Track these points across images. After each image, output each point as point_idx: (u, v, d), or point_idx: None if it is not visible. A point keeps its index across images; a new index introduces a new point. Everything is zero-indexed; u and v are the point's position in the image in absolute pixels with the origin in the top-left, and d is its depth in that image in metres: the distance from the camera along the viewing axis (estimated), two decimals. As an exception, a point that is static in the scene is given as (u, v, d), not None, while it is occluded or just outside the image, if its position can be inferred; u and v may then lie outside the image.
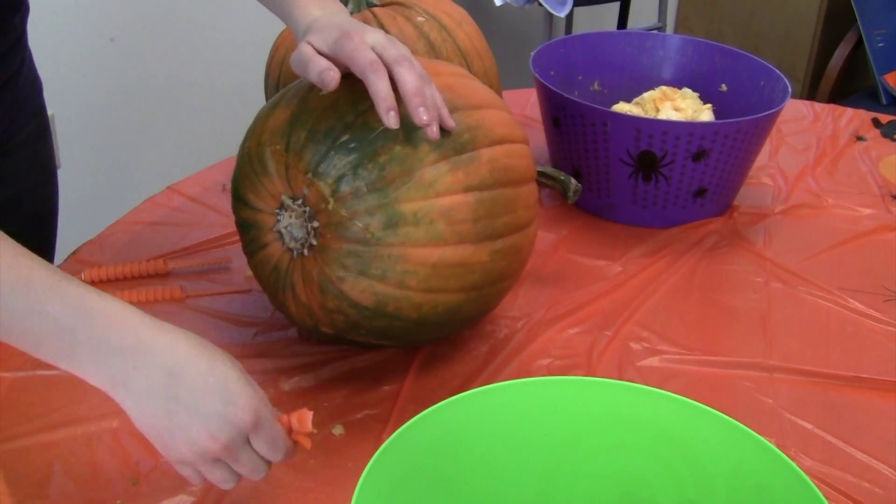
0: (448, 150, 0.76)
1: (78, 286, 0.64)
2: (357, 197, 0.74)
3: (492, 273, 0.80)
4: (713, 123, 1.09)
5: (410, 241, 0.74)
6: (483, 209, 0.77)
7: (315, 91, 0.79)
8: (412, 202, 0.74)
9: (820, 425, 0.82)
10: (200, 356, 0.66)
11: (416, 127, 0.75)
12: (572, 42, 1.28)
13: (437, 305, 0.78)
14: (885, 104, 2.50)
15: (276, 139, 0.78)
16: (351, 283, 0.76)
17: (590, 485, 0.62)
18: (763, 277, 1.04)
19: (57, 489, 0.72)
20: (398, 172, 0.74)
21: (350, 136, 0.75)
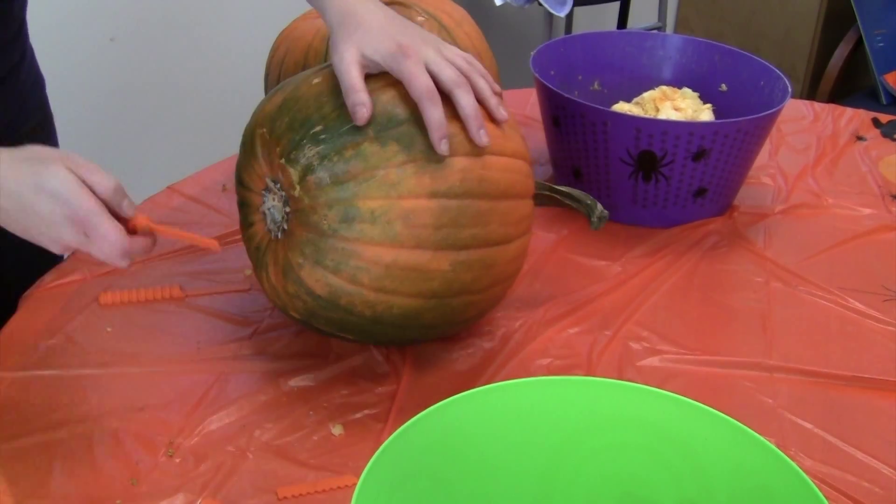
0: (418, 153, 0.76)
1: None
2: (319, 188, 0.75)
3: (453, 284, 0.79)
4: (713, 123, 1.09)
5: (365, 238, 0.75)
6: (447, 217, 0.76)
7: (309, 79, 0.80)
8: (371, 200, 0.75)
9: (820, 425, 0.82)
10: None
11: (390, 126, 0.76)
12: (572, 42, 1.28)
13: (392, 307, 0.78)
14: (885, 104, 2.50)
15: (265, 123, 0.80)
16: (308, 270, 0.77)
17: (590, 485, 0.62)
18: (763, 277, 1.04)
19: (57, 489, 0.72)
20: (361, 169, 0.75)
21: (323, 127, 0.76)
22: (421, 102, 0.76)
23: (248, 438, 0.78)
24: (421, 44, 0.78)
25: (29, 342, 0.88)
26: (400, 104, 0.77)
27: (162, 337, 0.90)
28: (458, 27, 1.12)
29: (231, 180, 1.18)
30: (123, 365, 0.86)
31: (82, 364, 0.86)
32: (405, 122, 0.77)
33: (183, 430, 0.79)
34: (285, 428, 0.80)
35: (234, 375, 0.86)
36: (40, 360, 0.86)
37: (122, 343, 0.89)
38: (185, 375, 0.85)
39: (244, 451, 0.77)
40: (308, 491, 0.73)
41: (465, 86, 0.78)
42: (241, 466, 0.75)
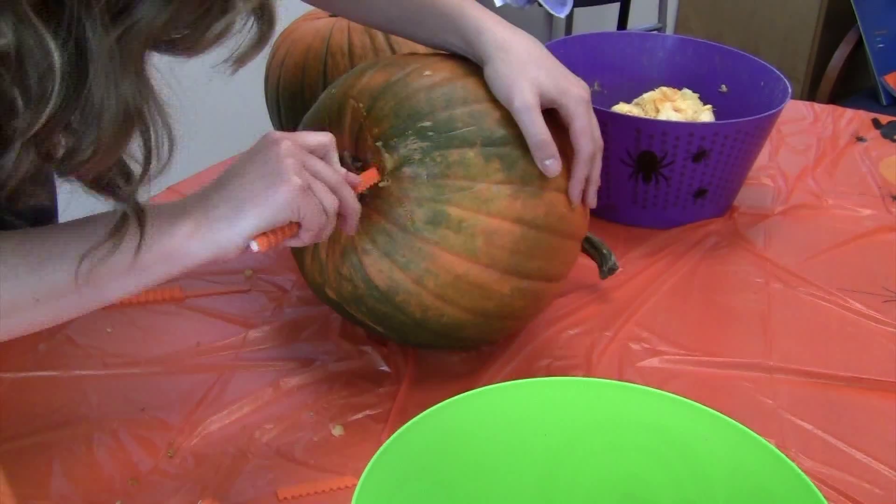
0: (516, 176, 0.76)
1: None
2: (413, 183, 0.75)
3: (506, 308, 0.80)
4: (713, 124, 1.09)
5: (445, 244, 0.75)
6: (525, 245, 0.77)
7: (419, 70, 0.79)
8: (463, 209, 0.75)
9: (820, 426, 0.82)
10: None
11: (497, 143, 0.76)
12: (572, 42, 1.28)
13: (443, 315, 0.78)
14: (885, 105, 2.50)
15: (362, 97, 0.79)
16: (373, 258, 0.76)
17: (590, 485, 0.62)
18: (763, 278, 1.04)
19: (57, 489, 0.72)
20: (461, 176, 0.75)
21: (432, 124, 0.76)
22: (581, 157, 0.79)
23: (248, 439, 0.78)
24: (584, 85, 0.81)
25: (29, 342, 0.88)
26: (511, 125, 0.77)
27: (162, 337, 0.90)
28: (459, 28, 1.12)
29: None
30: (123, 365, 0.86)
31: (82, 364, 0.86)
32: (511, 142, 0.77)
33: (183, 431, 0.79)
34: (285, 428, 0.80)
35: (234, 375, 0.86)
36: (40, 360, 0.86)
37: (122, 343, 0.89)
38: (185, 376, 0.85)
39: (244, 451, 0.77)
40: (308, 491, 0.73)
41: (602, 150, 0.82)
42: (241, 467, 0.75)
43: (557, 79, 0.79)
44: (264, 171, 0.66)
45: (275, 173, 0.66)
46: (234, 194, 0.66)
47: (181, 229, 0.65)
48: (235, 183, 0.66)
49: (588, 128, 0.79)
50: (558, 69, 0.80)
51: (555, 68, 0.80)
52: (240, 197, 0.65)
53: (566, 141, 0.80)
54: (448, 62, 0.83)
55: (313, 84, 1.07)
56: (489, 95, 0.79)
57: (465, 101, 0.78)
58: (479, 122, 0.77)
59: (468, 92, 0.79)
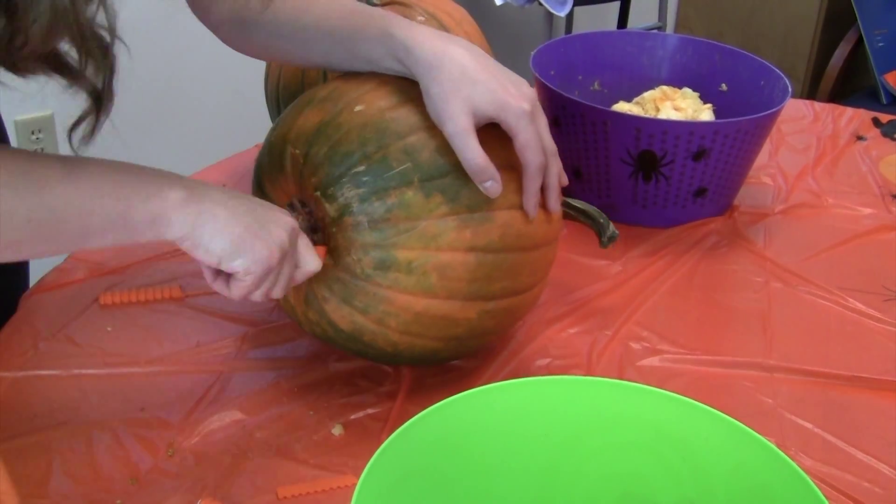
0: (461, 206, 0.74)
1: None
2: (356, 230, 0.73)
3: (477, 329, 0.79)
4: (713, 123, 1.09)
5: (398, 286, 0.74)
6: (482, 271, 0.75)
7: (350, 106, 0.76)
8: (409, 250, 0.73)
9: (820, 425, 0.82)
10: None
11: (435, 177, 0.74)
12: (572, 42, 1.28)
13: (414, 347, 0.78)
14: (886, 104, 2.50)
15: (298, 143, 0.76)
16: (333, 305, 0.76)
17: (589, 485, 0.62)
18: (763, 277, 1.04)
19: (57, 489, 0.72)
20: (403, 217, 0.73)
21: (366, 167, 0.73)
22: (530, 170, 0.75)
23: (248, 438, 0.78)
24: (526, 92, 0.76)
25: (29, 342, 0.88)
26: (449, 153, 0.74)
27: (162, 337, 0.90)
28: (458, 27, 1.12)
29: (231, 180, 1.19)
30: (123, 365, 0.86)
31: (82, 364, 0.86)
32: (450, 172, 0.74)
33: (183, 430, 0.79)
34: (285, 428, 0.80)
35: (234, 375, 0.86)
36: (40, 360, 0.86)
37: (122, 343, 0.89)
38: (185, 375, 0.85)
39: (244, 450, 0.77)
40: (308, 491, 0.73)
41: (557, 155, 0.79)
42: (241, 466, 0.75)
43: (495, 92, 0.73)
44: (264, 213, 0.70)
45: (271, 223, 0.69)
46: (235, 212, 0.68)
47: (174, 192, 0.66)
48: (242, 208, 0.69)
49: (532, 140, 0.75)
50: (495, 80, 0.74)
51: (491, 80, 0.74)
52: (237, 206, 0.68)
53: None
54: (383, 89, 0.78)
55: (313, 83, 1.07)
56: (425, 122, 0.75)
57: (398, 134, 0.74)
58: (414, 158, 0.74)
59: (401, 123, 0.75)
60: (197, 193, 0.67)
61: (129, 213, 0.65)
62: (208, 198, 0.67)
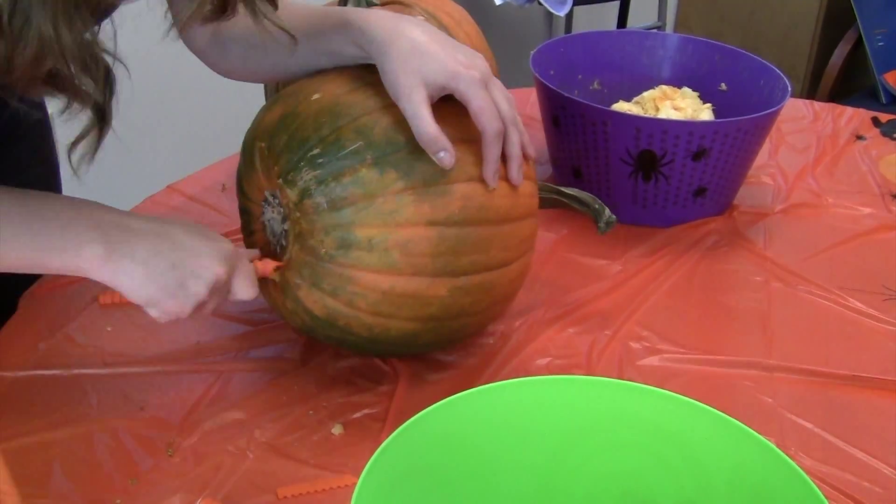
0: (417, 180, 0.74)
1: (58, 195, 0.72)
2: (317, 212, 0.74)
3: (451, 308, 0.78)
4: (713, 122, 1.09)
5: (361, 265, 0.74)
6: (445, 245, 0.75)
7: (308, 96, 0.79)
8: (369, 227, 0.73)
9: (820, 425, 0.82)
10: (172, 221, 0.74)
11: (388, 153, 0.74)
12: (572, 41, 1.28)
13: (390, 329, 0.78)
14: (885, 103, 2.50)
15: (264, 137, 0.79)
16: (305, 291, 0.77)
17: (589, 484, 0.62)
18: (763, 277, 1.04)
19: (56, 489, 0.72)
20: (359, 195, 0.73)
21: (321, 150, 0.75)
22: (487, 136, 0.75)
23: (248, 438, 0.78)
24: (479, 63, 0.76)
25: (29, 342, 0.88)
26: (402, 129, 0.75)
27: (162, 337, 0.90)
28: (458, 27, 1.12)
29: (231, 180, 1.19)
30: (123, 365, 0.86)
31: (82, 364, 0.86)
32: (404, 147, 0.74)
33: (183, 430, 0.79)
34: (285, 428, 0.80)
35: (234, 375, 0.86)
36: (40, 360, 0.86)
37: (122, 343, 0.89)
38: (185, 375, 0.85)
39: (244, 450, 0.77)
40: (308, 491, 0.73)
41: (518, 123, 0.78)
42: (241, 466, 0.75)
43: (444, 62, 0.74)
44: (186, 266, 0.71)
45: (192, 278, 0.72)
46: (153, 271, 0.70)
47: (91, 249, 0.68)
48: (163, 265, 0.71)
49: (486, 106, 0.74)
50: (444, 52, 0.75)
51: (440, 52, 0.74)
52: (158, 264, 0.70)
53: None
54: (341, 77, 0.80)
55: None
56: (378, 103, 0.76)
57: (351, 116, 0.75)
58: (365, 136, 0.74)
59: (354, 107, 0.76)
60: (116, 252, 0.69)
61: (43, 261, 0.68)
62: (128, 255, 0.69)
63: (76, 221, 0.69)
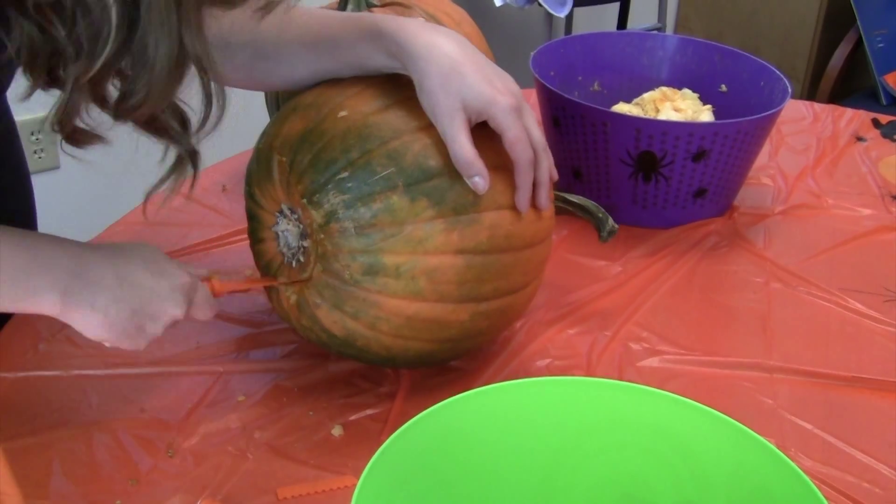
0: (447, 209, 0.74)
1: (13, 231, 0.69)
2: (343, 236, 0.73)
3: (470, 331, 0.79)
4: (713, 124, 1.09)
5: (388, 291, 0.74)
6: (472, 273, 0.75)
7: (334, 112, 0.76)
8: (397, 255, 0.73)
9: (820, 425, 0.82)
10: (131, 255, 0.73)
11: (420, 180, 0.73)
12: (572, 42, 1.28)
13: (408, 350, 0.78)
14: (885, 104, 2.50)
15: (284, 150, 0.76)
16: (324, 311, 0.76)
17: (589, 485, 0.62)
18: (763, 278, 1.04)
19: (56, 489, 0.72)
20: (388, 222, 0.72)
21: (350, 174, 0.73)
22: (521, 165, 0.75)
23: (248, 439, 0.78)
24: (512, 88, 0.76)
25: (29, 342, 0.88)
26: (433, 155, 0.74)
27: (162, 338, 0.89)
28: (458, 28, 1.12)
29: (231, 181, 1.19)
30: (123, 365, 0.86)
31: (82, 364, 0.86)
32: (437, 175, 0.74)
33: (183, 431, 0.79)
34: (285, 428, 0.80)
35: (234, 375, 0.86)
36: (40, 360, 0.86)
37: (122, 343, 0.89)
38: (185, 375, 0.85)
39: (244, 451, 0.77)
40: (308, 491, 0.73)
41: (547, 149, 0.78)
42: (241, 466, 0.75)
43: (482, 88, 0.74)
44: (146, 312, 0.72)
45: (150, 322, 0.72)
46: (111, 319, 0.70)
47: (47, 298, 0.68)
48: (123, 314, 0.70)
49: (520, 135, 0.75)
50: (481, 74, 0.75)
51: (478, 74, 0.74)
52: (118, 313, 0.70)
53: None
54: (367, 93, 0.78)
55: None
56: (409, 125, 0.75)
57: (381, 139, 0.74)
58: (398, 162, 0.73)
59: (384, 128, 0.75)
60: (73, 301, 0.68)
61: (11, 297, 0.67)
62: (86, 303, 0.69)
63: (32, 270, 0.67)
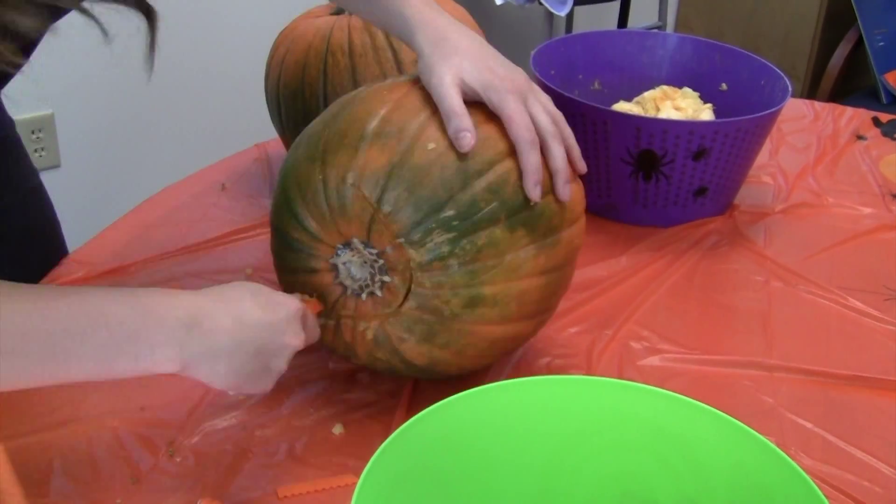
0: (539, 234, 0.74)
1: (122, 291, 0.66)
2: (446, 273, 0.72)
3: (529, 337, 0.83)
4: (713, 122, 1.09)
5: (483, 320, 0.74)
6: (549, 289, 0.77)
7: (420, 143, 0.73)
8: (496, 285, 0.73)
9: (820, 424, 0.82)
10: (240, 293, 0.70)
11: (519, 211, 0.73)
12: (572, 41, 1.28)
13: (477, 366, 0.81)
14: (886, 103, 2.50)
15: (367, 185, 0.72)
16: (411, 345, 0.75)
17: (590, 484, 0.62)
18: (763, 276, 1.04)
19: (57, 489, 0.72)
20: (492, 255, 0.72)
21: (455, 212, 0.71)
22: (520, 145, 0.74)
23: (249, 437, 0.78)
24: (518, 77, 0.77)
25: (29, 342, 0.88)
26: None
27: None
28: (459, 26, 1.12)
29: (230, 180, 1.19)
30: (124, 364, 0.86)
31: (82, 363, 0.86)
32: (531, 204, 0.74)
33: (183, 430, 0.79)
34: (285, 427, 0.80)
35: (234, 375, 0.86)
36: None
37: (122, 342, 0.89)
38: (185, 375, 0.85)
39: (244, 450, 0.77)
40: (308, 490, 0.73)
41: (558, 136, 0.78)
42: (241, 465, 0.75)
43: (482, 72, 0.75)
44: (268, 350, 0.70)
45: (274, 358, 0.70)
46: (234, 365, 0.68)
47: (165, 354, 0.65)
48: (242, 359, 0.68)
49: (516, 115, 0.74)
50: (486, 62, 0.76)
51: (482, 61, 0.76)
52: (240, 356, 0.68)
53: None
54: (438, 118, 0.75)
55: (313, 82, 1.07)
56: (498, 151, 0.74)
57: (478, 172, 0.73)
58: (499, 196, 0.73)
59: (478, 160, 0.73)
60: (193, 353, 0.66)
61: (113, 371, 0.64)
62: (208, 353, 0.66)
63: (146, 328, 0.64)
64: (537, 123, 0.76)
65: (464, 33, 0.79)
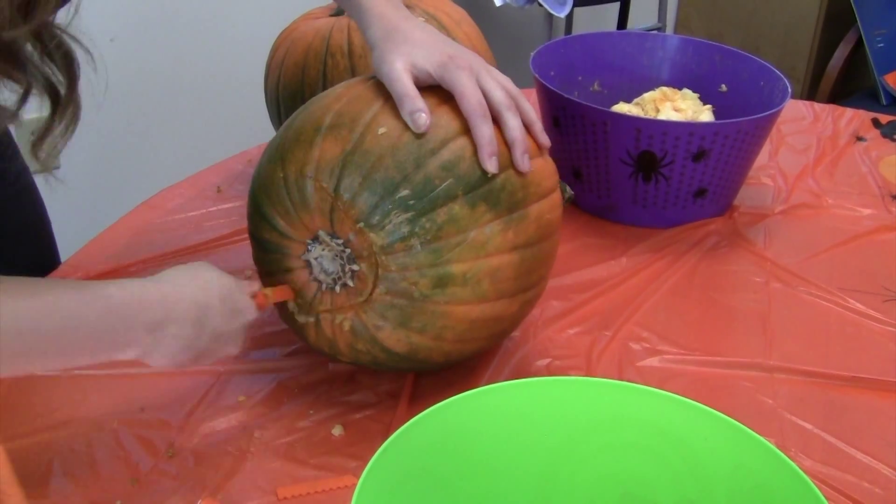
0: (503, 209, 0.74)
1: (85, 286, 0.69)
2: (409, 254, 0.72)
3: (517, 319, 0.82)
4: (713, 124, 1.09)
5: (456, 300, 0.74)
6: (525, 266, 0.77)
7: (371, 129, 0.74)
8: (463, 263, 0.73)
9: (820, 425, 0.82)
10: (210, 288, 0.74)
11: (476, 186, 0.73)
12: (572, 42, 1.28)
13: (464, 352, 0.80)
14: (885, 104, 2.50)
15: (323, 176, 0.73)
16: (387, 332, 0.75)
17: (589, 485, 0.62)
18: (763, 277, 1.04)
19: (57, 489, 0.72)
20: (453, 232, 0.73)
21: (411, 191, 0.72)
22: (472, 118, 0.75)
23: (248, 438, 0.78)
24: (471, 58, 0.78)
25: (29, 342, 0.88)
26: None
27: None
28: (458, 27, 1.12)
29: (225, 182, 1.19)
30: (123, 365, 0.86)
31: (82, 364, 0.86)
32: (489, 179, 0.74)
33: (183, 431, 0.79)
34: (285, 428, 0.80)
35: (234, 375, 0.86)
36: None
37: (122, 343, 0.89)
38: (185, 376, 0.85)
39: (244, 451, 0.77)
40: (308, 491, 0.73)
41: (513, 108, 0.77)
42: (241, 466, 0.75)
43: (434, 55, 0.76)
44: (208, 356, 0.75)
45: (207, 359, 0.75)
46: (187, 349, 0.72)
47: (127, 354, 0.70)
48: (186, 352, 0.73)
49: (468, 91, 0.75)
50: (437, 46, 0.78)
51: (433, 46, 0.77)
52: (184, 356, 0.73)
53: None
54: (391, 105, 0.76)
55: (313, 83, 1.07)
56: (450, 131, 0.75)
57: (432, 150, 0.73)
58: (454, 172, 0.73)
59: (430, 140, 0.74)
60: (147, 357, 0.71)
61: (74, 361, 0.70)
62: (163, 353, 0.71)
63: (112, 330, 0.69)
64: (490, 97, 0.76)
65: (416, 25, 0.80)
